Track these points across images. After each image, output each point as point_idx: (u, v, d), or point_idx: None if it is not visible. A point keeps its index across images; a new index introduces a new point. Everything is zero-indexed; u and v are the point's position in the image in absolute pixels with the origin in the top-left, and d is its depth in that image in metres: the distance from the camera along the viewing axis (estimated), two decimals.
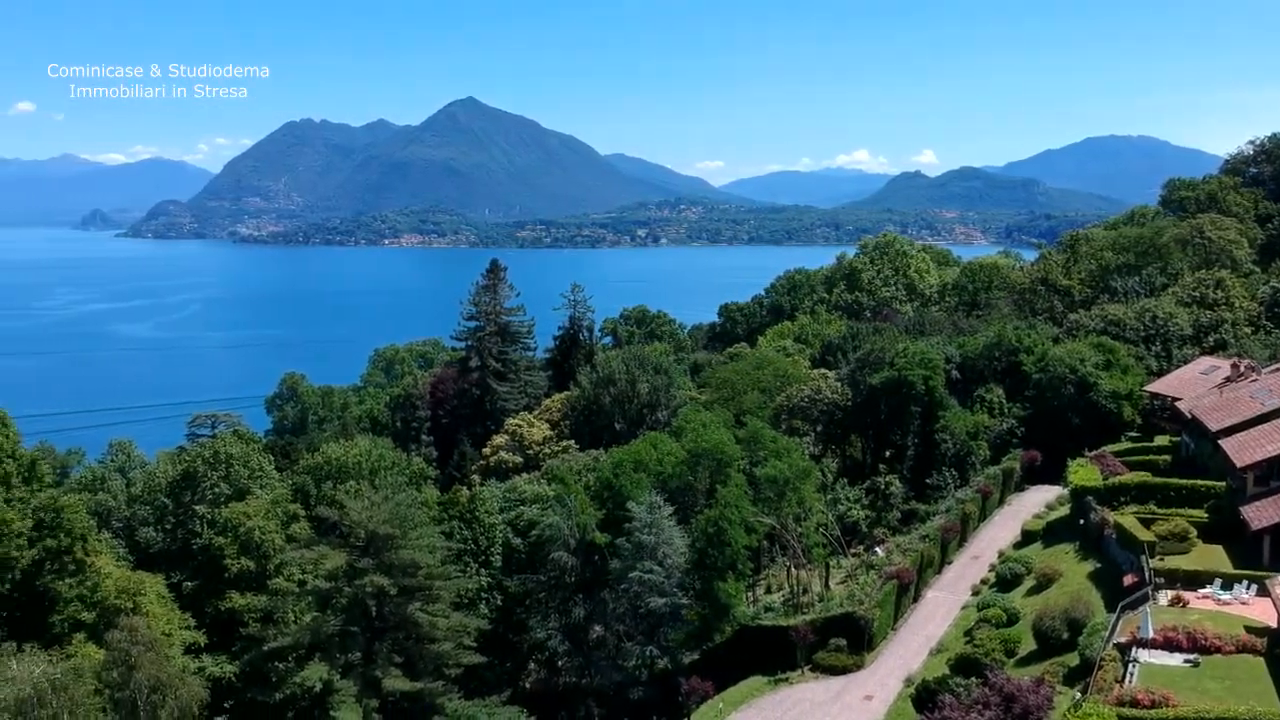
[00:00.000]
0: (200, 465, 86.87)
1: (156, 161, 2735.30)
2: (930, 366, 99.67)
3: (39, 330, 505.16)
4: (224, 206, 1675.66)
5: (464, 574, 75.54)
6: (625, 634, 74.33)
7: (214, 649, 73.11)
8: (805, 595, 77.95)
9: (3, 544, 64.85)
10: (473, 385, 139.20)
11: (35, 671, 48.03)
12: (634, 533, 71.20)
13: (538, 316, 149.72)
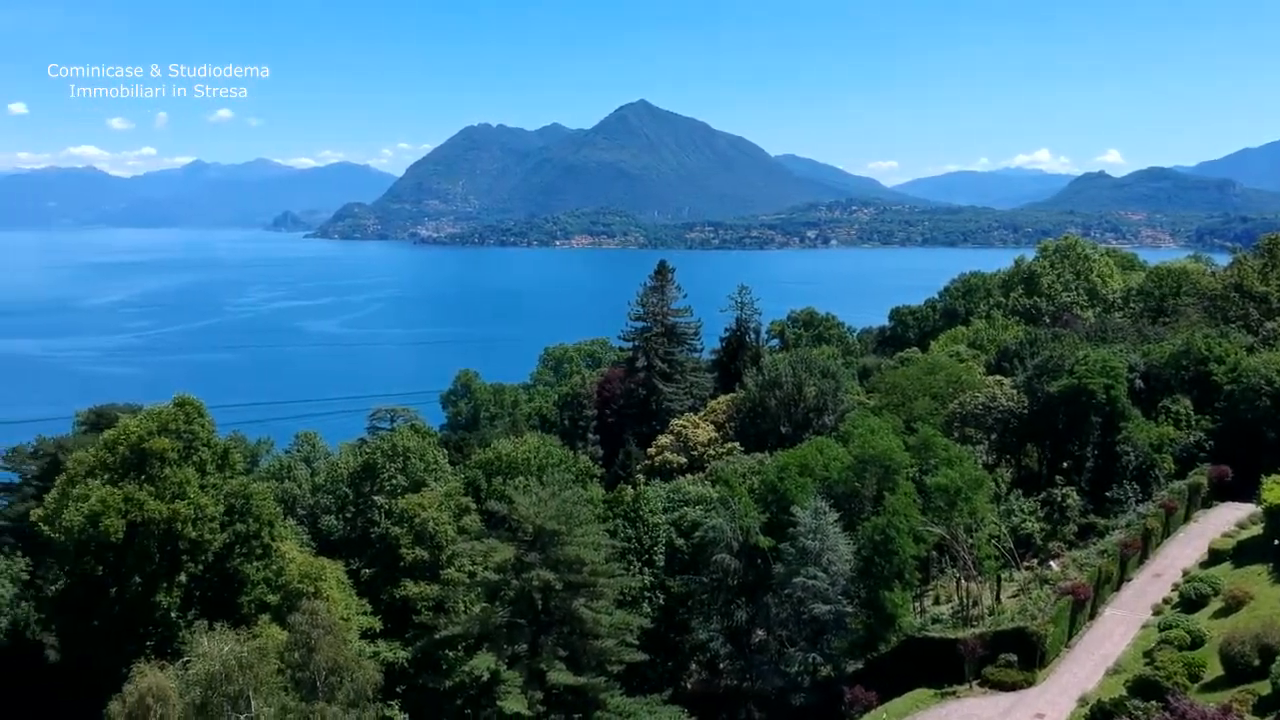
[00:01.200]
0: (379, 457, 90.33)
1: (343, 166, 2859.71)
2: (1112, 375, 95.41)
3: (234, 326, 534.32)
4: (405, 209, 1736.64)
5: (627, 572, 76.26)
6: (788, 639, 73.69)
7: (388, 635, 75.91)
8: (975, 608, 75.71)
9: (198, 527, 68.71)
10: (639, 385, 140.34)
11: (224, 649, 50.69)
12: (798, 538, 70.53)
13: (704, 318, 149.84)
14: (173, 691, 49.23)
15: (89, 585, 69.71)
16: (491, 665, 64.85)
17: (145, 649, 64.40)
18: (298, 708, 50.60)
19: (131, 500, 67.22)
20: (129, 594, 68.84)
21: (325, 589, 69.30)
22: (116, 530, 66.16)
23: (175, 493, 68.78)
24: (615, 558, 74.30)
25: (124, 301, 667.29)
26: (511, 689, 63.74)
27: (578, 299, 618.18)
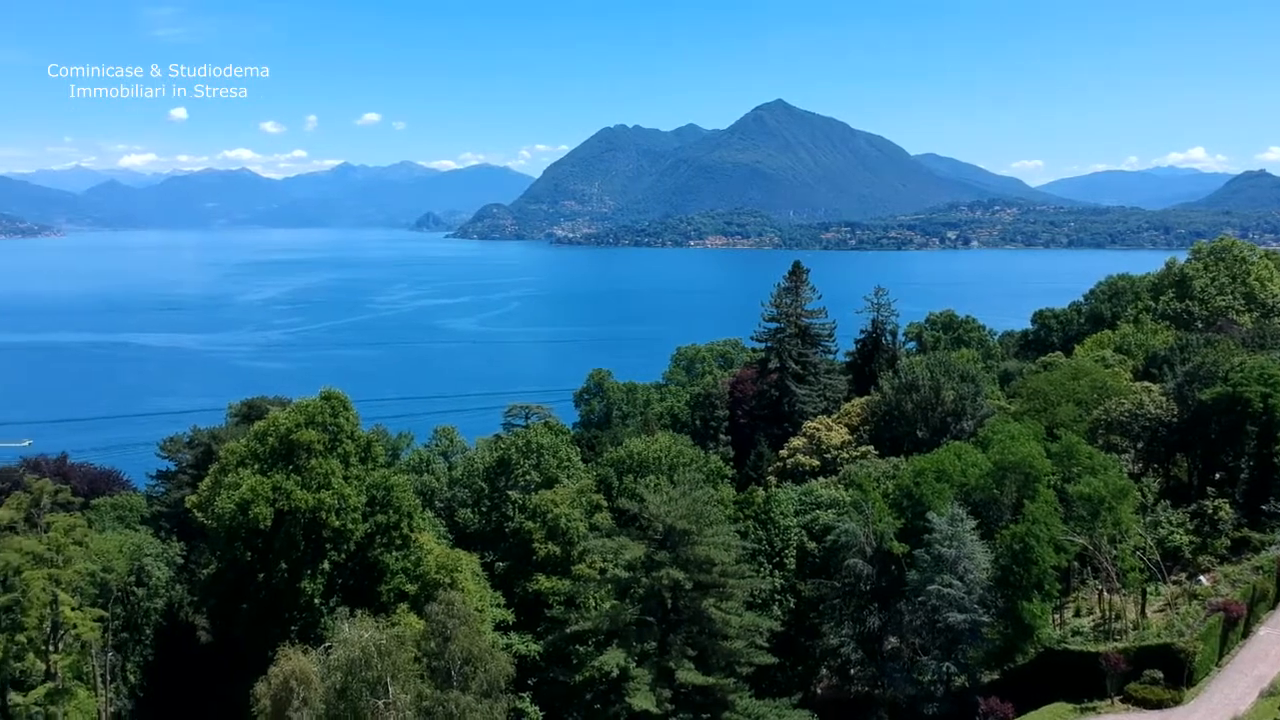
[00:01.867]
0: (514, 453, 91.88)
1: (483, 168, 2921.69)
2: (1270, 383, 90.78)
3: (378, 323, 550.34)
4: (542, 210, 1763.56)
5: (757, 574, 75.88)
6: (921, 647, 72.32)
7: (521, 628, 77.17)
8: (1118, 622, 73.11)
9: (341, 517, 70.97)
10: (771, 386, 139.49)
11: (364, 636, 52.24)
12: (933, 544, 69.13)
13: (839, 319, 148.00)
14: (315, 675, 50.97)
15: (238, 570, 72.67)
16: (621, 662, 65.26)
17: (290, 633, 66.76)
18: (433, 696, 51.76)
19: (279, 489, 69.81)
20: (275, 579, 71.50)
21: (461, 580, 70.81)
22: (265, 518, 68.83)
23: (320, 483, 71.12)
24: (745, 559, 73.99)
25: (275, 299, 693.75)
26: (640, 686, 64.04)
27: (710, 299, 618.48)
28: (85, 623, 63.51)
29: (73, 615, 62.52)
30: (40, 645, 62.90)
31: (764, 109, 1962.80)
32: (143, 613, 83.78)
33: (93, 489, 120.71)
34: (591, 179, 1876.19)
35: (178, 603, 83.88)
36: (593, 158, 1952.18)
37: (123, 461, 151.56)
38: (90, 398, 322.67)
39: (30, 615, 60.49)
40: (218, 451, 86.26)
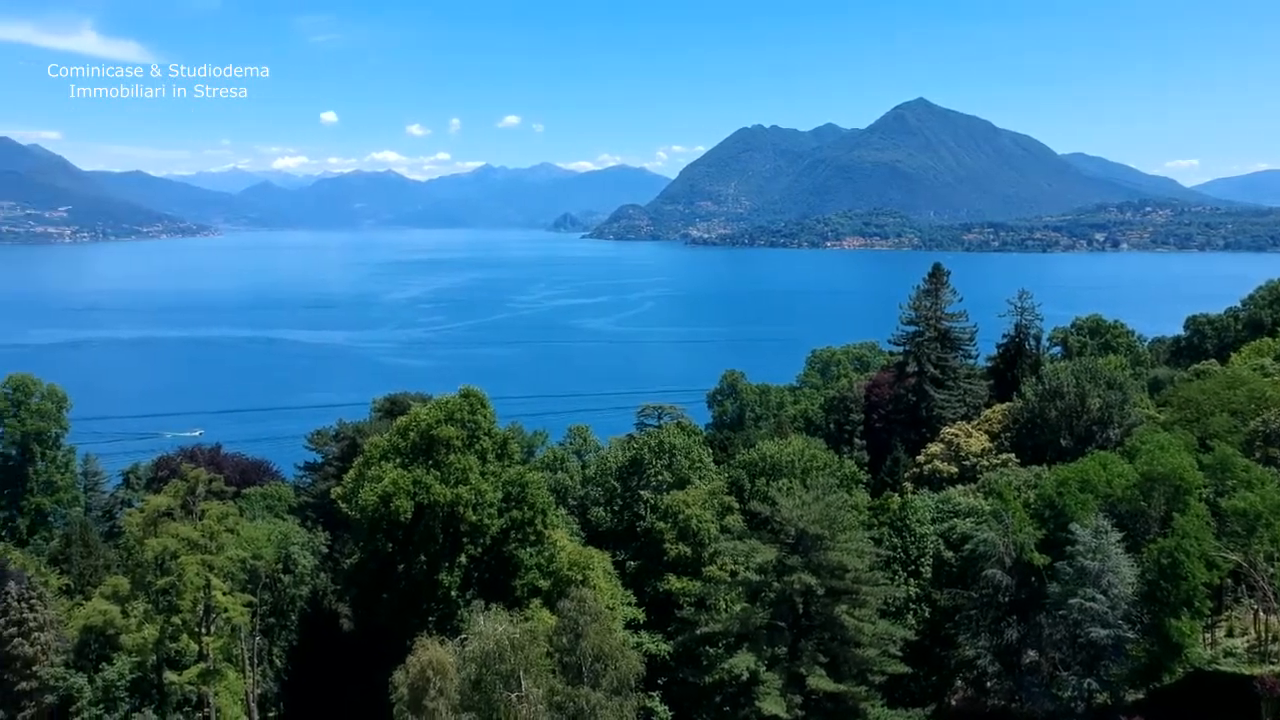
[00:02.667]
0: (647, 453, 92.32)
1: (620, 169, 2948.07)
2: None
3: (517, 322, 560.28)
4: (678, 210, 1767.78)
5: (892, 581, 74.65)
6: (1061, 662, 70.05)
7: (651, 627, 77.50)
8: (1275, 644, 69.58)
9: (478, 512, 72.43)
10: (909, 391, 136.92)
11: (499, 629, 53.23)
12: (1076, 556, 66.88)
13: (980, 323, 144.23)
14: (451, 666, 52.14)
15: (380, 561, 74.84)
16: (751, 665, 65.01)
17: (428, 624, 68.43)
18: (564, 691, 52.45)
19: (420, 483, 71.61)
20: (415, 571, 73.38)
21: (593, 578, 71.50)
22: (406, 511, 70.70)
23: (459, 478, 72.67)
24: (879, 566, 72.88)
25: (418, 297, 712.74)
26: (770, 690, 63.70)
27: (847, 301, 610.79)
28: (236, 607, 66.25)
29: (224, 599, 65.28)
30: (194, 627, 65.88)
31: (905, 107, 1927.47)
32: (289, 599, 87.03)
33: (244, 479, 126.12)
34: (728, 179, 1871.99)
35: (322, 591, 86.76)
36: (729, 158, 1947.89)
37: (272, 453, 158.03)
38: (244, 391, 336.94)
39: (185, 598, 63.40)
40: (362, 445, 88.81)
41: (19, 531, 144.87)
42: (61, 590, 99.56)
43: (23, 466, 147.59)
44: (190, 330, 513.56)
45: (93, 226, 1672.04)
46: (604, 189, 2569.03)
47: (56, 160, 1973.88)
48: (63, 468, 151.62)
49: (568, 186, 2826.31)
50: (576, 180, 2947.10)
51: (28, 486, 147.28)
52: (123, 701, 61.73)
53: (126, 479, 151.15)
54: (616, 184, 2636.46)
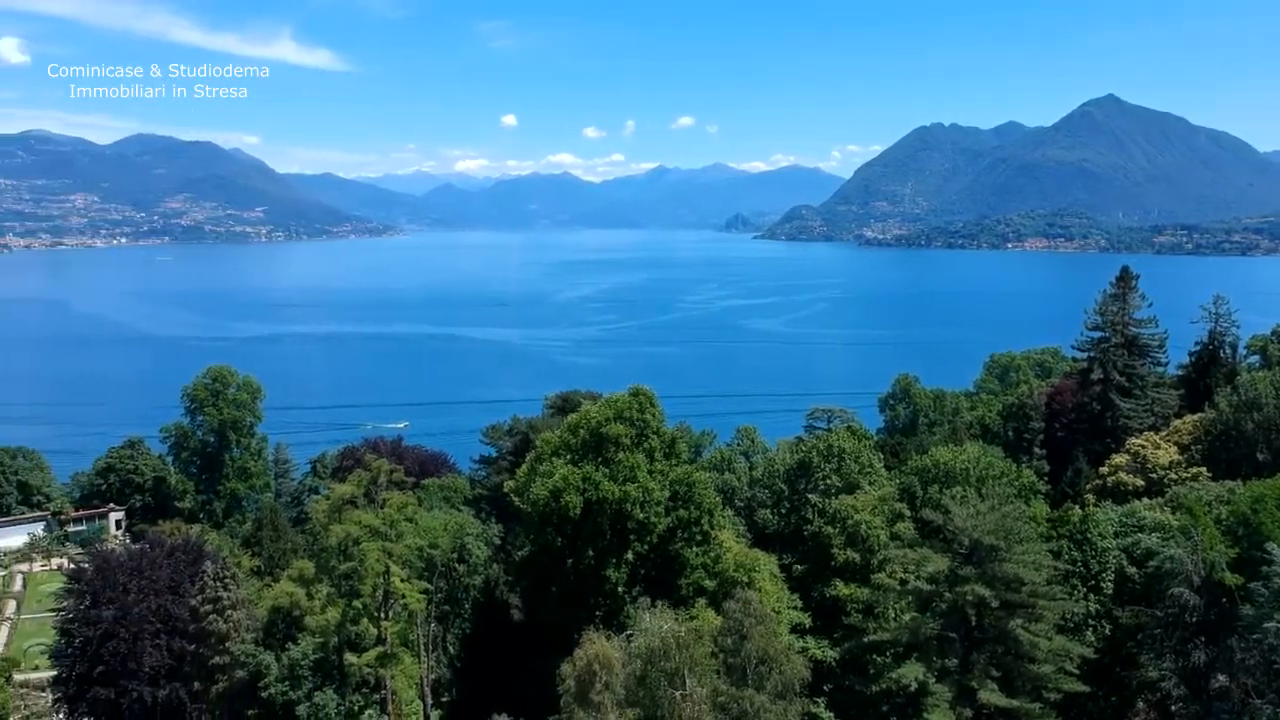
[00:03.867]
0: (815, 456, 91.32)
1: (793, 169, 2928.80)
2: None
3: (685, 322, 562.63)
4: (851, 211, 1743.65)
5: (1070, 596, 71.77)
6: (1255, 689, 65.90)
7: (817, 632, 76.63)
8: None
9: (645, 509, 73.05)
10: (1093, 399, 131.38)
11: (664, 627, 53.52)
12: (1272, 578, 62.85)
13: (1171, 330, 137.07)
14: (616, 661, 52.72)
15: (550, 554, 76.30)
16: (920, 676, 63.57)
17: (594, 618, 69.34)
18: (728, 692, 52.36)
19: (589, 480, 72.69)
20: (583, 566, 74.52)
21: (759, 580, 71.19)
22: (575, 506, 71.89)
23: (627, 476, 73.45)
24: (1057, 580, 70.12)
25: (590, 297, 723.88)
26: (940, 703, 62.14)
27: (1028, 304, 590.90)
28: (413, 594, 68.63)
29: (402, 586, 67.70)
30: (373, 612, 68.54)
31: (1093, 104, 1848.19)
32: (463, 588, 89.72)
33: (423, 470, 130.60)
34: (904, 179, 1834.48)
35: (494, 581, 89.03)
36: (906, 157, 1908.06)
37: (450, 445, 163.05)
38: (424, 385, 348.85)
39: (366, 583, 66.03)
40: (534, 441, 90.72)
41: (215, 514, 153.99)
42: (253, 571, 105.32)
43: (220, 453, 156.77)
44: (375, 326, 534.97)
45: (287, 226, 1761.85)
46: (776, 189, 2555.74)
47: (255, 163, 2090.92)
48: (256, 455, 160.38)
49: (740, 187, 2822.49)
50: (749, 180, 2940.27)
51: (224, 472, 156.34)
52: (306, 680, 64.65)
53: (314, 467, 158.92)
54: (789, 184, 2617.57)
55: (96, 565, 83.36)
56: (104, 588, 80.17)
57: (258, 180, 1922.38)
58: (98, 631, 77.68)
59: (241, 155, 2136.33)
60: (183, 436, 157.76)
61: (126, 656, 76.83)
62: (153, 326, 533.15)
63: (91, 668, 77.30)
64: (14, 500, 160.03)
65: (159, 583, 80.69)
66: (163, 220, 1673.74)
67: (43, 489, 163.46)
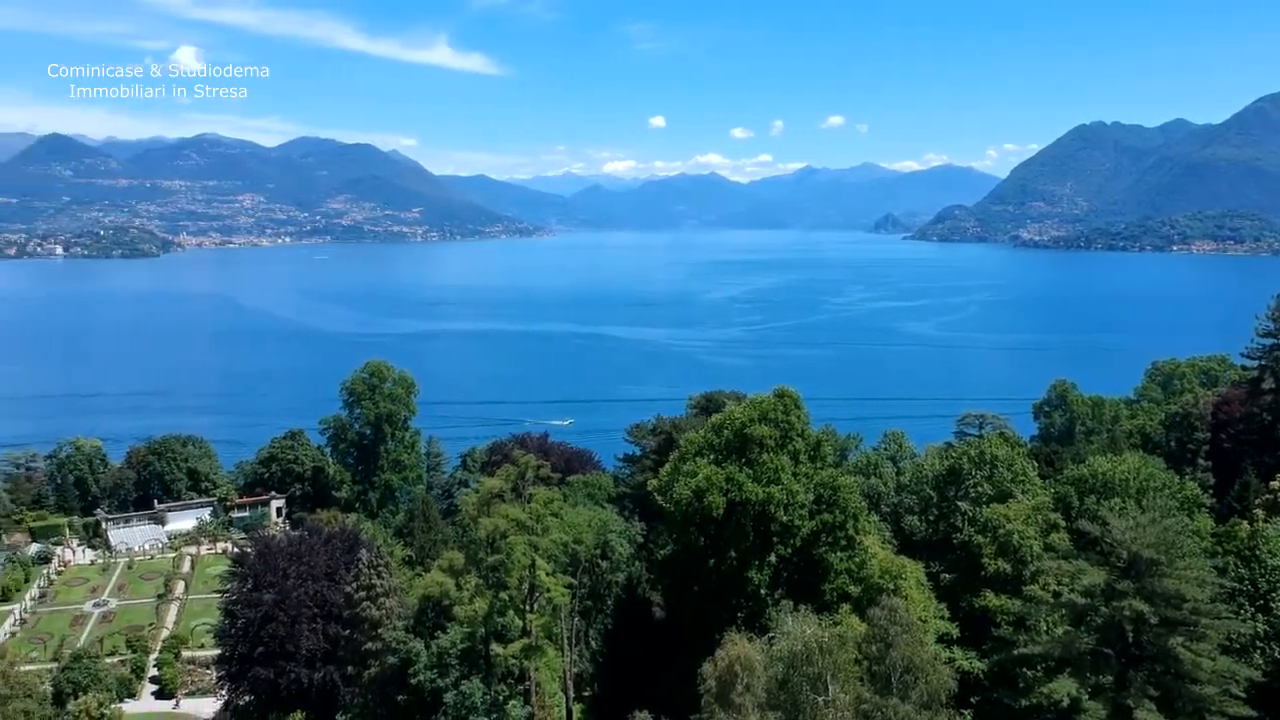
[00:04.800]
0: (965, 463, 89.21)
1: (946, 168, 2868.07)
2: None
3: (832, 323, 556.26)
4: (1007, 211, 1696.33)
5: (1236, 615, 68.27)
6: None
7: (965, 643, 74.85)
8: None
9: (789, 512, 72.51)
10: (1264, 410, 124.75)
11: (807, 631, 53.06)
12: None
13: None
14: (758, 663, 52.54)
15: (692, 554, 76.47)
16: (1073, 691, 61.39)
17: (736, 619, 69.22)
18: (872, 700, 51.61)
19: (732, 481, 72.54)
20: (725, 567, 74.45)
21: (905, 587, 69.96)
22: (718, 507, 71.84)
23: (770, 478, 73.03)
24: (1223, 598, 66.76)
25: (737, 297, 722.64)
26: None
27: (1195, 310, 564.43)
28: (557, 588, 69.60)
29: (547, 580, 68.73)
30: (519, 604, 69.74)
31: (1268, 100, 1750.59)
32: (605, 584, 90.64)
33: (569, 466, 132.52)
34: (1063, 179, 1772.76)
35: (636, 578, 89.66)
36: (1065, 156, 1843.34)
37: (595, 443, 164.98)
38: (570, 383, 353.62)
39: (512, 576, 67.25)
40: (678, 440, 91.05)
41: (370, 505, 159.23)
42: (404, 560, 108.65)
43: (375, 445, 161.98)
44: (524, 324, 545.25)
45: (441, 226, 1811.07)
46: (928, 189, 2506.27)
47: (413, 166, 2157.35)
48: (409, 448, 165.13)
49: (890, 186, 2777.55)
50: (899, 180, 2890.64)
51: (379, 464, 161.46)
52: (454, 668, 66.19)
53: (464, 461, 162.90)
54: (941, 184, 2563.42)
55: (258, 550, 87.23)
56: (265, 572, 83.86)
57: (414, 182, 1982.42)
58: (259, 614, 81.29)
59: (399, 157, 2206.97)
60: (341, 429, 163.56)
61: (285, 639, 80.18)
62: (313, 321, 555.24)
63: (252, 648, 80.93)
64: (184, 486, 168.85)
65: (316, 569, 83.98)
66: (324, 220, 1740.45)
67: (210, 476, 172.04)
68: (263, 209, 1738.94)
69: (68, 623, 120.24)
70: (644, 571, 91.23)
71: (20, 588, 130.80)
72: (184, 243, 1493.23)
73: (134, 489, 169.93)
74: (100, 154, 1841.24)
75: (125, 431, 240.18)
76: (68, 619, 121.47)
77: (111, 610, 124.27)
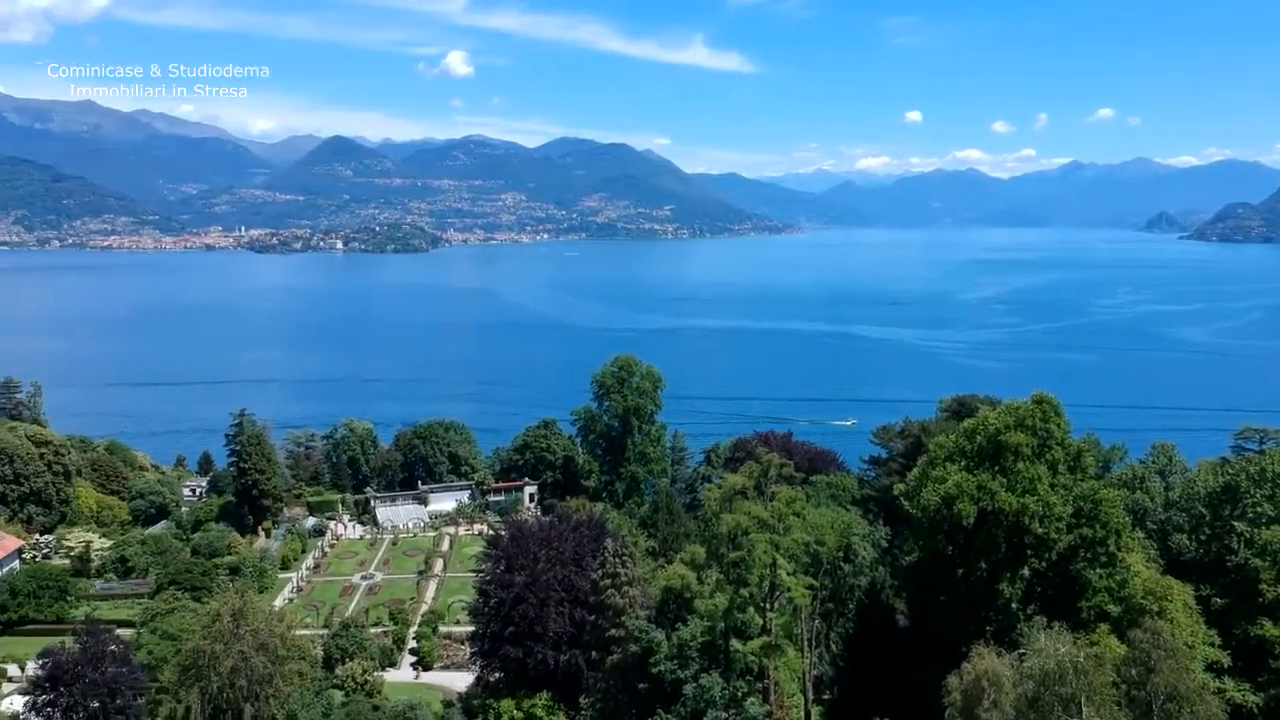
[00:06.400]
0: (1244, 480, 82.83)
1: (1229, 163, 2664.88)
2: None
3: (1095, 327, 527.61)
4: None
5: None
6: None
7: (1237, 674, 69.55)
8: None
9: (1045, 524, 69.41)
10: None
11: (1061, 649, 50.69)
12: None
13: None
14: (1007, 679, 50.68)
15: (939, 562, 74.49)
16: None
17: (984, 632, 66.96)
18: None
19: (984, 489, 70.15)
20: (974, 578, 72.09)
21: (1170, 610, 65.72)
22: (968, 515, 69.63)
23: (1025, 487, 70.23)
24: None
25: (993, 298, 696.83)
26: None
27: None
28: (798, 588, 69.19)
29: (788, 579, 68.43)
30: (759, 602, 69.78)
31: None
32: (847, 588, 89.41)
33: (812, 466, 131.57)
34: None
35: (880, 583, 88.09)
36: None
37: (839, 443, 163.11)
38: (815, 382, 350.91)
39: (753, 573, 67.37)
40: (927, 444, 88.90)
41: (616, 495, 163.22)
42: (648, 551, 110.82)
43: (623, 437, 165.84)
44: (771, 322, 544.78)
45: (691, 224, 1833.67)
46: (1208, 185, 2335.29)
47: (665, 164, 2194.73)
48: (655, 441, 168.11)
49: (1165, 183, 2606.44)
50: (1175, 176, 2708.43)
51: (626, 456, 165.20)
52: (694, 661, 66.96)
53: (708, 457, 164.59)
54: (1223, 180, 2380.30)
55: (512, 534, 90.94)
56: (517, 555, 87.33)
57: (667, 180, 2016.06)
58: (510, 594, 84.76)
59: (653, 156, 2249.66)
60: (590, 420, 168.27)
61: (534, 620, 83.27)
62: (566, 315, 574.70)
63: (503, 627, 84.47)
64: (445, 469, 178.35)
65: (565, 554, 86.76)
66: (580, 218, 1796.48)
67: (470, 460, 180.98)
68: (524, 207, 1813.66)
69: (338, 592, 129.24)
70: (888, 577, 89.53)
71: (298, 558, 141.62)
72: (450, 238, 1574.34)
73: (400, 470, 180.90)
74: (377, 155, 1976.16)
75: (394, 416, 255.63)
76: (338, 589, 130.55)
77: (377, 583, 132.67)
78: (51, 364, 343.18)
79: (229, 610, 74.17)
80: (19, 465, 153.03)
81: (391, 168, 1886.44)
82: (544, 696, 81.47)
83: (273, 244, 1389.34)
